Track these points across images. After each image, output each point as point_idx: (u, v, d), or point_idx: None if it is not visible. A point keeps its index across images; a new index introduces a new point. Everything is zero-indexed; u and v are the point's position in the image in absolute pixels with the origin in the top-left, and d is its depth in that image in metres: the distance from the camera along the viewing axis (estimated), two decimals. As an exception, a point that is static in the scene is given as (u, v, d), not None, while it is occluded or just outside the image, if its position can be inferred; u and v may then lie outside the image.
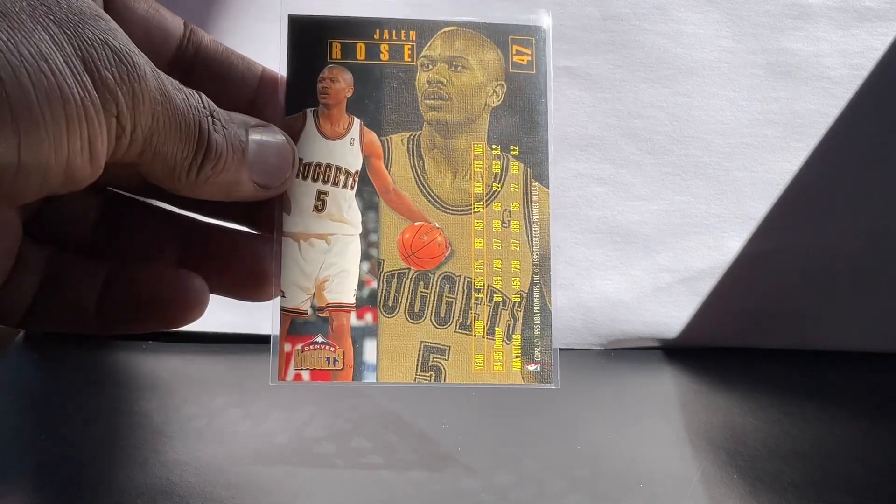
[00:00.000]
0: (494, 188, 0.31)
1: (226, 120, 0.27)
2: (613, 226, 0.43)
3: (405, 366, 0.30)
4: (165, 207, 0.33)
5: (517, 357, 0.30)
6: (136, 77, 0.23)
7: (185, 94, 0.26)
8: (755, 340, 0.43)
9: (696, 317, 0.43)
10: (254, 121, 0.28)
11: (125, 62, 0.23)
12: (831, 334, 0.43)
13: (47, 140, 0.22)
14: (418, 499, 0.29)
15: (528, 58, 0.31)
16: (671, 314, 0.43)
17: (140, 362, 0.38)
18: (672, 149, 0.42)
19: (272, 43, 0.30)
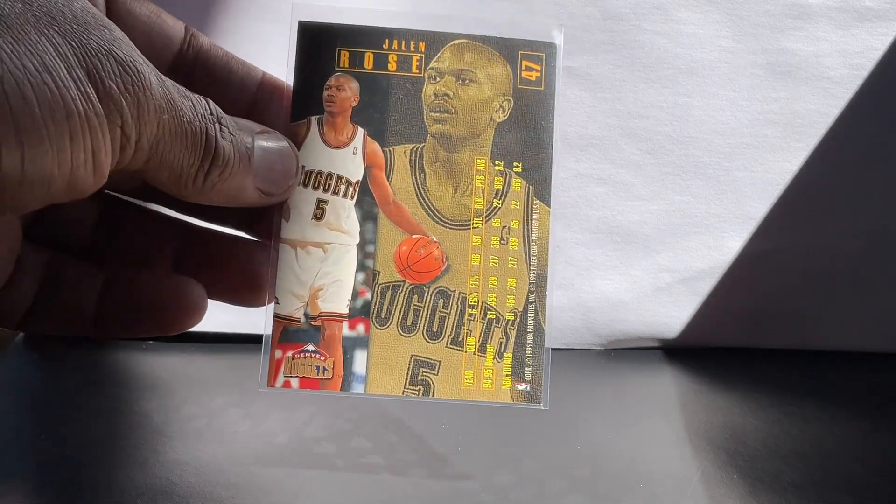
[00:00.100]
0: (495, 204, 0.30)
1: (233, 126, 0.27)
2: (613, 226, 0.43)
3: (394, 378, 0.30)
4: (162, 211, 0.33)
5: (507, 375, 0.30)
6: (141, 86, 0.23)
7: (192, 101, 0.26)
8: (755, 340, 0.43)
9: (696, 317, 0.43)
10: (259, 127, 0.28)
11: (130, 72, 0.23)
12: (831, 334, 0.43)
13: (51, 152, 0.22)
14: (418, 499, 0.29)
15: (538, 73, 0.31)
16: (671, 314, 0.43)
17: (140, 362, 0.38)
18: (672, 149, 0.42)
19: (272, 43, 0.30)
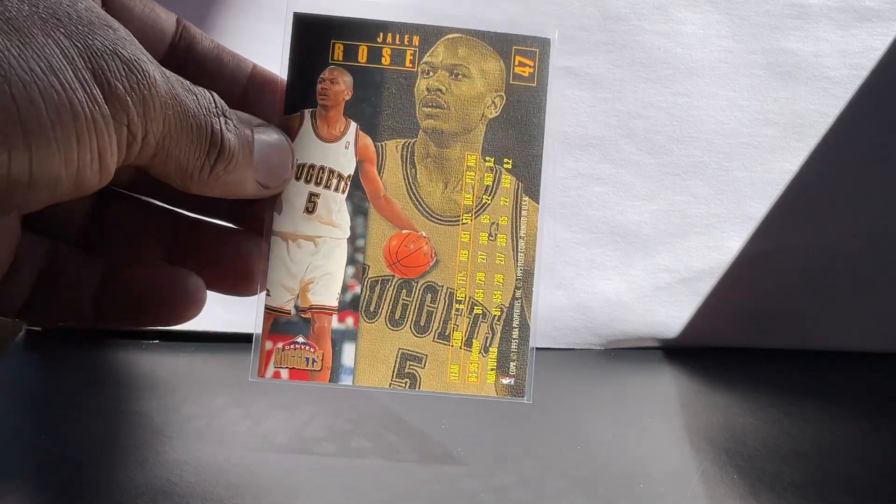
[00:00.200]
0: (484, 200, 0.30)
1: (236, 119, 0.27)
2: (613, 226, 0.43)
3: (381, 371, 0.30)
4: (152, 202, 0.33)
5: (492, 370, 0.30)
6: (146, 84, 0.24)
7: (196, 95, 0.26)
8: (755, 340, 0.43)
9: (696, 317, 0.43)
10: (256, 120, 0.28)
11: (135, 70, 0.23)
12: (831, 334, 0.43)
13: (58, 154, 0.22)
14: (418, 499, 0.29)
15: (531, 70, 0.30)
16: (671, 314, 0.43)
17: (140, 362, 0.38)
18: (672, 149, 0.42)
19: (271, 43, 0.30)
